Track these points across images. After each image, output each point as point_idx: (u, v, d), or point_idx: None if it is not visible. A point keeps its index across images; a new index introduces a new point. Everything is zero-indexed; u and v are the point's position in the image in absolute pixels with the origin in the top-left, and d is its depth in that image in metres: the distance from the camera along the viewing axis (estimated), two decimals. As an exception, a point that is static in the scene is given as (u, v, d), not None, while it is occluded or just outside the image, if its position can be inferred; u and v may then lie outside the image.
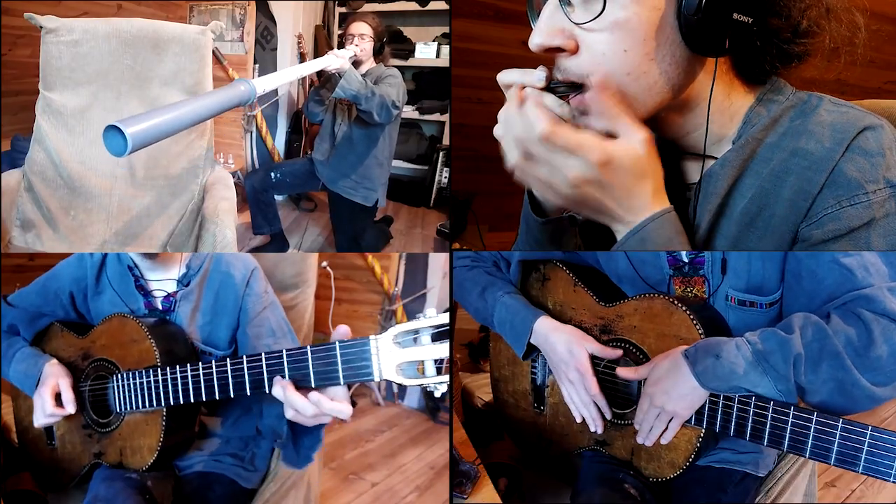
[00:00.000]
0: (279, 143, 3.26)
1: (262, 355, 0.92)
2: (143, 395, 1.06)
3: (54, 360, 1.15)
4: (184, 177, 1.81)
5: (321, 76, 2.39)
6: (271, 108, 3.17)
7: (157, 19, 1.81)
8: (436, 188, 3.29)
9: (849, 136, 0.73)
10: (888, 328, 0.80)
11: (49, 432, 1.22)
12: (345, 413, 0.88)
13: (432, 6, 3.22)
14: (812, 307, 0.88)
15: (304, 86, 3.31)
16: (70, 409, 1.11)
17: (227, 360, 0.96)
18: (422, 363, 0.82)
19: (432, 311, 0.82)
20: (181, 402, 1.01)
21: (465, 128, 2.49)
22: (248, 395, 0.94)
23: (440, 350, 0.81)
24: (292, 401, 0.87)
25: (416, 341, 0.82)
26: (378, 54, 2.30)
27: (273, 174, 2.47)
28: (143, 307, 1.20)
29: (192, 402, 1.00)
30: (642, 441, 0.98)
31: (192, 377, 0.99)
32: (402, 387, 0.83)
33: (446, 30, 3.25)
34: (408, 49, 3.26)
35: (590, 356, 1.03)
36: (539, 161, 0.73)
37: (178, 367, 1.01)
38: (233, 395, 0.96)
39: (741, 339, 0.86)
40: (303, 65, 2.62)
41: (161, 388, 1.03)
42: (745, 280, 0.94)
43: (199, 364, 0.99)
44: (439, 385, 0.82)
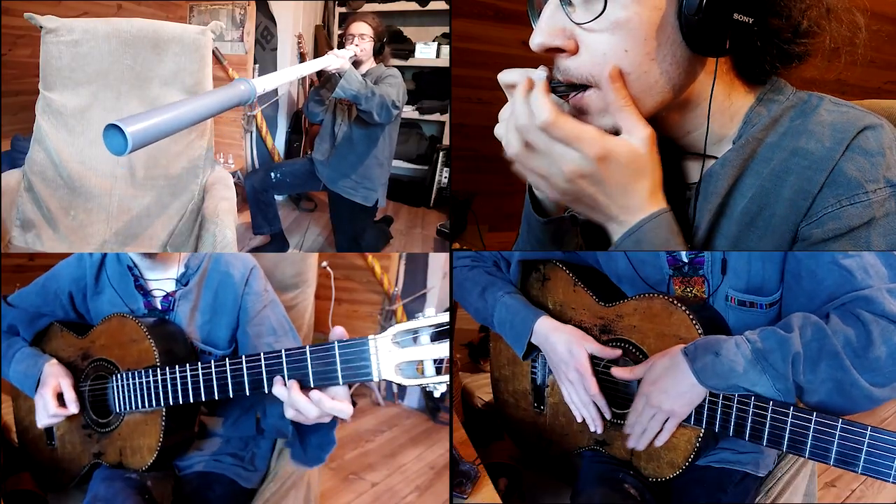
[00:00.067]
0: (279, 143, 3.26)
1: (262, 355, 0.92)
2: (142, 395, 1.06)
3: (54, 361, 1.15)
4: (184, 177, 1.81)
5: (321, 76, 2.39)
6: (271, 108, 3.17)
7: (157, 19, 1.81)
8: (436, 188, 3.29)
9: (849, 135, 0.73)
10: (887, 329, 0.80)
11: (49, 432, 1.22)
12: (346, 412, 0.88)
13: (432, 6, 3.22)
14: (811, 308, 0.88)
15: (304, 86, 3.31)
16: (73, 408, 1.11)
17: (227, 360, 0.96)
18: (421, 363, 0.82)
19: (431, 310, 0.82)
20: (181, 402, 1.01)
21: (465, 128, 2.50)
22: (248, 394, 0.95)
23: (439, 350, 0.81)
24: (295, 401, 0.87)
25: (416, 341, 0.81)
26: (378, 54, 2.30)
27: (273, 174, 2.47)
28: (143, 307, 1.20)
29: (192, 402, 1.00)
30: (633, 445, 0.98)
31: (192, 377, 0.99)
32: (402, 387, 0.83)
33: (446, 30, 3.25)
34: (408, 49, 3.26)
35: (590, 356, 1.03)
36: (538, 151, 0.73)
37: (177, 367, 1.01)
38: (232, 395, 0.96)
39: (741, 338, 0.86)
40: (303, 65, 2.62)
41: (160, 388, 1.03)
42: (745, 280, 0.94)
43: (199, 364, 0.99)
44: (438, 385, 0.82)
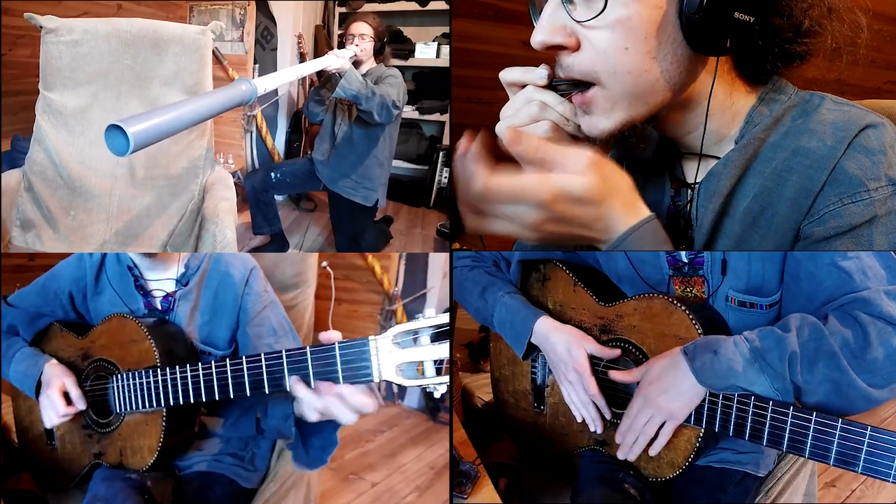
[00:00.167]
0: (279, 143, 3.26)
1: (262, 356, 0.91)
2: (143, 396, 1.06)
3: (54, 360, 1.15)
4: (184, 177, 1.81)
5: (321, 76, 2.39)
6: (271, 108, 3.17)
7: (157, 19, 1.81)
8: (436, 188, 3.29)
9: (850, 134, 0.73)
10: (884, 331, 0.80)
11: (49, 432, 1.21)
12: (372, 407, 0.86)
13: (432, 6, 3.22)
14: (810, 309, 0.88)
15: (304, 86, 3.31)
16: (81, 405, 1.11)
17: (227, 360, 0.95)
18: (421, 364, 0.81)
19: (431, 311, 0.82)
20: (181, 403, 1.01)
21: (465, 128, 2.49)
22: (248, 395, 0.94)
23: (440, 350, 0.81)
24: (331, 404, 0.85)
25: (416, 342, 0.81)
26: (378, 54, 2.30)
27: (273, 174, 2.47)
28: (143, 307, 1.20)
29: (193, 402, 1.00)
30: (623, 456, 0.97)
31: (192, 378, 0.99)
32: (402, 387, 0.82)
33: (446, 30, 3.25)
34: (408, 49, 3.26)
35: (589, 356, 1.03)
36: (492, 215, 0.70)
37: (177, 367, 1.01)
38: (232, 396, 0.95)
39: (739, 337, 0.86)
40: (303, 65, 2.62)
41: (161, 389, 1.03)
42: (746, 281, 0.94)
43: (199, 364, 0.99)
44: (439, 386, 0.81)
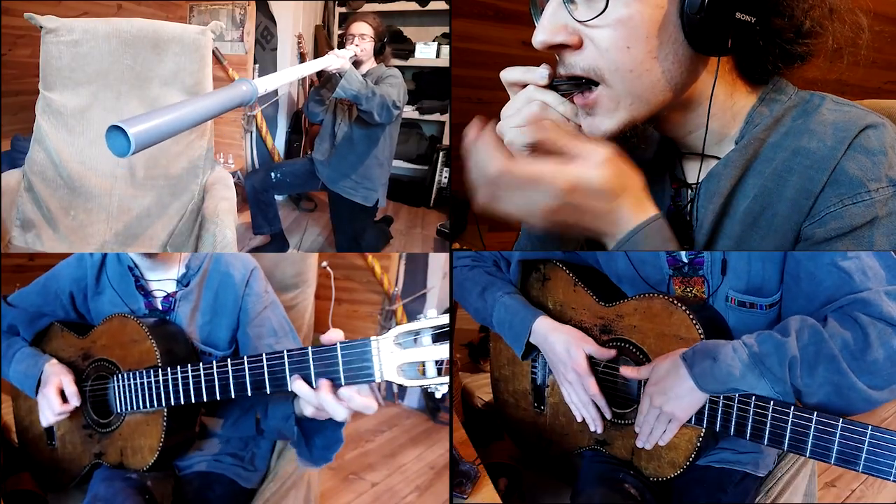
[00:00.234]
0: (279, 143, 3.26)
1: (263, 356, 0.92)
2: (144, 396, 1.06)
3: (54, 360, 1.15)
4: (184, 177, 1.81)
5: (321, 76, 2.39)
6: (271, 108, 3.17)
7: (157, 19, 1.81)
8: (436, 188, 3.29)
9: (851, 134, 0.73)
10: (884, 332, 0.80)
11: (49, 432, 1.21)
12: (373, 408, 0.86)
13: (432, 6, 3.22)
14: (810, 309, 0.88)
15: (304, 86, 3.31)
16: (74, 401, 1.11)
17: (228, 360, 0.96)
18: (423, 364, 0.82)
19: (433, 311, 0.82)
20: (182, 403, 1.01)
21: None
22: (249, 395, 0.94)
23: (441, 351, 0.81)
24: (325, 401, 0.86)
25: (417, 342, 0.81)
26: (379, 54, 2.30)
27: (273, 174, 2.47)
28: (144, 307, 1.20)
29: (194, 402, 1.00)
30: (642, 445, 0.98)
31: (194, 378, 0.99)
32: (402, 387, 0.83)
33: (446, 30, 3.25)
34: (408, 49, 3.26)
35: (589, 356, 1.03)
36: (506, 197, 0.72)
37: (178, 367, 1.01)
38: (234, 396, 0.95)
39: (738, 342, 0.86)
40: (304, 65, 2.62)
41: (162, 389, 1.03)
42: (746, 281, 0.94)
43: (200, 365, 0.99)
44: (440, 386, 0.81)
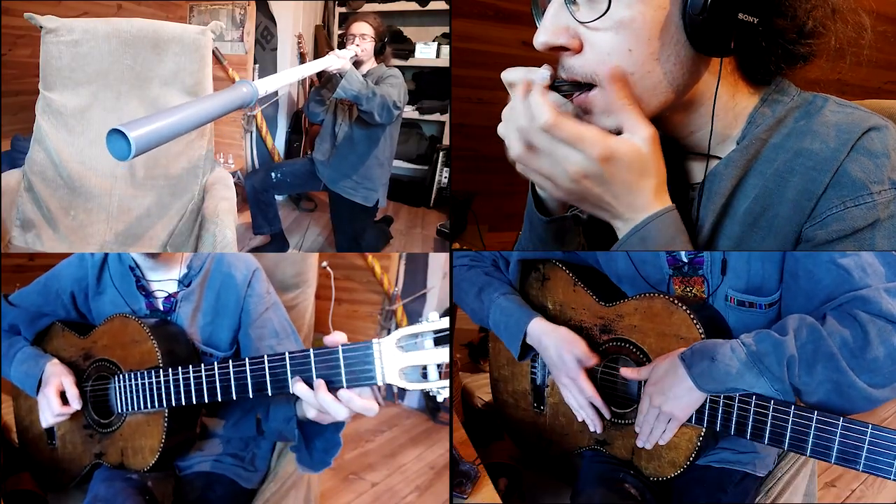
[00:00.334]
0: (279, 143, 3.26)
1: (265, 358, 0.91)
2: (145, 396, 1.06)
3: (55, 360, 1.15)
4: (184, 177, 1.81)
5: (322, 76, 2.39)
6: (271, 108, 3.17)
7: (157, 19, 1.81)
8: (436, 188, 3.29)
9: (853, 136, 0.73)
10: (884, 329, 0.80)
11: (50, 432, 1.21)
12: (374, 410, 0.86)
13: (432, 6, 3.22)
14: (810, 308, 0.88)
15: (304, 86, 3.31)
16: (75, 405, 1.11)
17: (230, 362, 0.95)
18: (424, 367, 0.82)
19: (434, 314, 0.82)
20: (183, 404, 1.01)
21: (465, 128, 2.49)
22: (251, 397, 0.94)
23: (443, 354, 0.81)
24: (323, 401, 0.86)
25: (419, 345, 0.81)
26: (379, 54, 2.30)
27: (274, 174, 2.47)
28: (145, 307, 1.20)
29: (195, 403, 1.00)
30: (642, 444, 0.98)
31: (195, 379, 0.99)
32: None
33: (446, 30, 3.25)
34: (408, 49, 3.26)
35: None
36: (541, 153, 0.72)
37: (180, 368, 1.01)
38: (235, 398, 0.95)
39: (736, 342, 0.86)
40: (304, 65, 2.62)
41: (164, 390, 1.03)
42: (745, 280, 0.94)
43: (202, 366, 0.99)
44: (441, 390, 0.81)
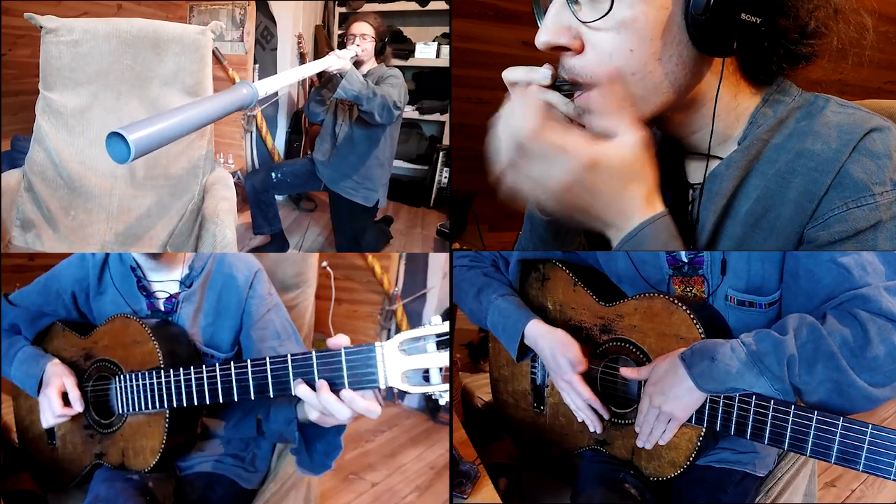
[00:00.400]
0: (279, 143, 3.26)
1: (267, 360, 0.91)
2: (146, 397, 1.05)
3: (56, 360, 1.15)
4: (184, 177, 1.81)
5: (322, 76, 2.38)
6: (271, 108, 3.17)
7: (157, 19, 1.81)
8: (436, 188, 3.29)
9: (855, 137, 0.73)
10: (884, 328, 0.80)
11: (50, 432, 1.21)
12: (376, 412, 0.86)
13: (432, 6, 3.22)
14: (810, 307, 0.88)
15: (304, 86, 3.31)
16: (78, 407, 1.11)
17: (232, 363, 0.95)
18: (426, 371, 0.82)
19: (437, 318, 0.81)
20: (185, 405, 1.01)
21: (465, 128, 2.49)
22: (253, 398, 0.94)
23: (446, 358, 0.81)
24: (326, 402, 0.85)
25: (422, 349, 0.81)
26: (379, 54, 2.30)
27: (274, 174, 2.47)
28: (146, 308, 1.19)
29: (196, 404, 1.00)
30: (642, 444, 0.98)
31: (196, 380, 0.99)
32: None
33: (446, 30, 3.25)
34: (408, 49, 3.26)
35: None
36: (531, 159, 0.71)
37: (181, 369, 1.01)
38: (237, 399, 0.95)
39: (736, 342, 0.86)
40: (305, 66, 2.61)
41: (165, 391, 1.03)
42: (745, 280, 0.94)
43: (203, 367, 0.99)
44: (443, 394, 0.81)
